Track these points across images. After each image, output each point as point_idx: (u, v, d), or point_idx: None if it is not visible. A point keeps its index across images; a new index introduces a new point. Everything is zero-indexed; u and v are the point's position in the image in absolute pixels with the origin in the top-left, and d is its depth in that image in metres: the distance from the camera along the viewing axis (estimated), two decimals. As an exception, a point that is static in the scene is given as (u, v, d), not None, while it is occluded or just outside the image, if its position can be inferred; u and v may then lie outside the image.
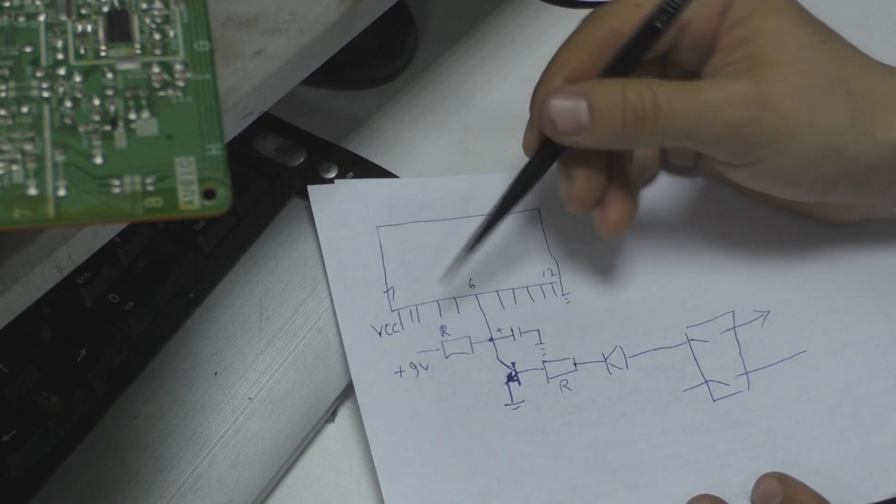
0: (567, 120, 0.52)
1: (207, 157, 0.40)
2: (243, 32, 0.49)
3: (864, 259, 0.60)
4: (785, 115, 0.52)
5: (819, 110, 0.52)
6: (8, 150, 0.39)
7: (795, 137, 0.52)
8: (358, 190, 0.61)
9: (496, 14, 0.71)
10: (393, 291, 0.58)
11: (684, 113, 0.52)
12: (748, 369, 0.58)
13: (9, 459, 0.54)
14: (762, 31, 0.53)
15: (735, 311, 0.59)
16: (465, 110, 0.67)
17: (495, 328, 0.58)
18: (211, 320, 0.59)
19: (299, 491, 0.56)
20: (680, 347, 0.58)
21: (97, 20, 0.42)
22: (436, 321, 0.58)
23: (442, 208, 0.61)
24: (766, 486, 0.54)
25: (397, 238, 0.60)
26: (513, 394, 0.56)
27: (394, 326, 0.57)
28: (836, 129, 0.52)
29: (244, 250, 0.61)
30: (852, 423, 0.56)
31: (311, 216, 0.61)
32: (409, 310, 0.58)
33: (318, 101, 0.67)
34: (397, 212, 0.60)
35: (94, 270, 0.58)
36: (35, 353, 0.57)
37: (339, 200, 0.60)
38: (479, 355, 0.57)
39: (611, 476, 0.54)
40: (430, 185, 0.62)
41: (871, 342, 0.58)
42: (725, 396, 0.57)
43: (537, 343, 0.58)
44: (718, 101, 0.52)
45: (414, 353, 0.57)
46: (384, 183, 0.62)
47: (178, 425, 0.56)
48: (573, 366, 0.57)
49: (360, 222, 0.60)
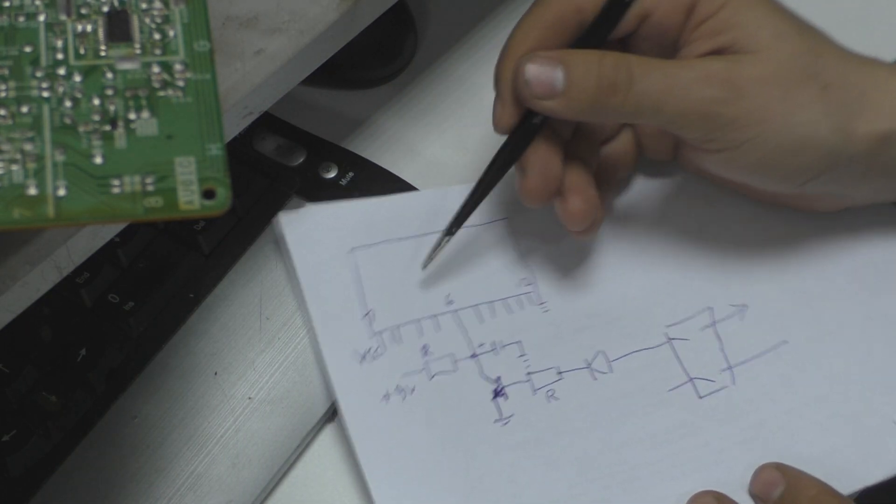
0: (542, 84, 0.52)
1: (207, 157, 0.40)
2: (243, 32, 0.49)
3: (837, 247, 0.60)
4: (758, 101, 0.52)
5: (792, 101, 0.52)
6: (8, 150, 0.39)
7: (768, 125, 0.52)
8: (329, 213, 0.60)
9: (496, 14, 0.71)
10: (373, 313, 0.58)
11: (657, 86, 0.52)
12: (731, 364, 0.58)
13: (9, 459, 0.54)
14: (735, 23, 0.53)
15: (713, 308, 0.59)
16: (466, 110, 0.67)
17: (476, 343, 0.58)
18: (211, 320, 0.59)
19: (299, 491, 0.56)
20: (661, 347, 0.58)
21: (97, 20, 0.42)
22: (417, 341, 0.57)
23: (414, 224, 0.60)
24: (765, 475, 0.54)
25: (373, 259, 0.59)
26: (501, 409, 0.56)
27: (376, 350, 0.57)
28: (811, 122, 0.53)
29: (244, 250, 0.61)
30: (840, 409, 0.56)
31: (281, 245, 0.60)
32: (390, 331, 0.57)
33: (318, 101, 0.67)
34: (371, 232, 0.60)
35: (94, 270, 0.58)
36: (35, 353, 0.57)
37: (311, 226, 0.59)
38: (462, 373, 0.57)
39: (607, 482, 0.54)
40: (402, 202, 0.61)
41: (851, 328, 0.58)
42: (711, 393, 0.57)
43: (520, 355, 0.58)
44: (691, 78, 0.52)
45: (398, 377, 0.56)
46: (355, 204, 0.61)
47: (178, 425, 0.56)
48: (557, 375, 0.57)
49: (333, 246, 0.59)
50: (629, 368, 0.58)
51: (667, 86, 0.52)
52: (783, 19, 0.54)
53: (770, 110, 0.52)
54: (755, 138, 0.53)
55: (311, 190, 0.63)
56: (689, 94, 0.52)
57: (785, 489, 0.53)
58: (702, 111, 0.52)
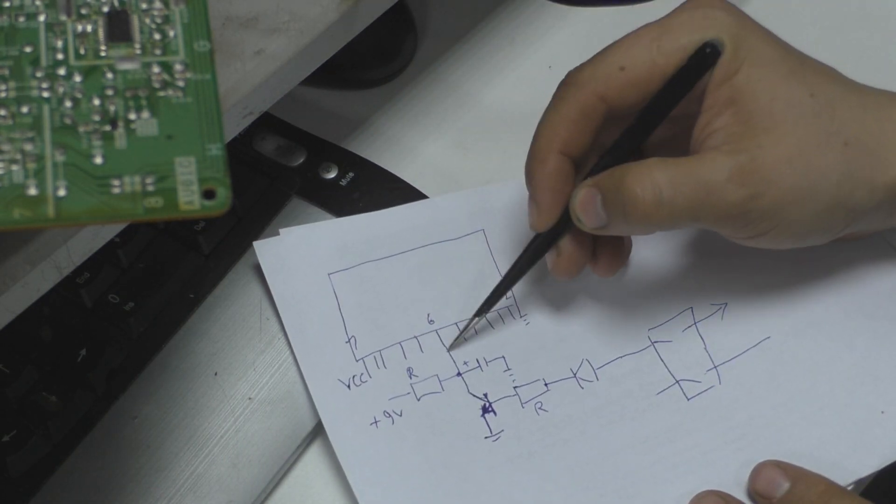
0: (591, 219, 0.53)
1: (207, 157, 0.40)
2: (243, 32, 0.49)
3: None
4: (785, 184, 0.52)
5: (817, 170, 0.52)
6: (8, 150, 0.39)
7: (798, 204, 0.52)
8: (304, 237, 0.60)
9: (496, 14, 0.71)
10: (355, 340, 0.57)
11: (688, 197, 0.52)
12: (716, 363, 0.58)
13: (9, 459, 0.54)
14: (748, 92, 0.52)
15: (693, 308, 0.59)
16: (465, 110, 0.67)
17: (461, 362, 0.58)
18: (211, 320, 0.59)
19: (299, 491, 0.56)
20: (645, 351, 0.58)
21: (97, 20, 0.42)
22: (401, 364, 0.57)
23: (391, 244, 0.60)
24: (768, 473, 0.54)
25: (351, 282, 0.59)
26: (491, 425, 0.56)
27: (361, 377, 0.56)
28: (836, 185, 0.52)
29: (244, 250, 0.61)
30: (827, 403, 0.57)
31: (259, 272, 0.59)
32: (374, 356, 0.57)
33: (318, 101, 0.67)
34: (347, 255, 0.60)
35: (94, 270, 0.58)
36: (35, 353, 0.57)
37: (288, 252, 0.59)
38: (450, 392, 0.57)
39: (602, 490, 0.54)
40: (376, 221, 0.61)
41: (831, 320, 0.59)
42: (699, 394, 0.57)
43: (505, 370, 0.58)
44: (720, 182, 0.51)
45: (385, 401, 0.56)
46: (330, 225, 0.61)
47: (178, 425, 0.56)
48: (544, 386, 0.57)
49: (311, 272, 0.59)
50: (615, 375, 0.58)
51: (698, 194, 0.51)
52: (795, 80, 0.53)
53: (798, 188, 0.52)
54: (786, 219, 0.52)
55: (311, 190, 0.63)
56: (720, 199, 0.51)
57: (791, 486, 0.53)
58: (735, 213, 0.52)
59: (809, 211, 0.52)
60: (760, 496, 0.54)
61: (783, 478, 0.53)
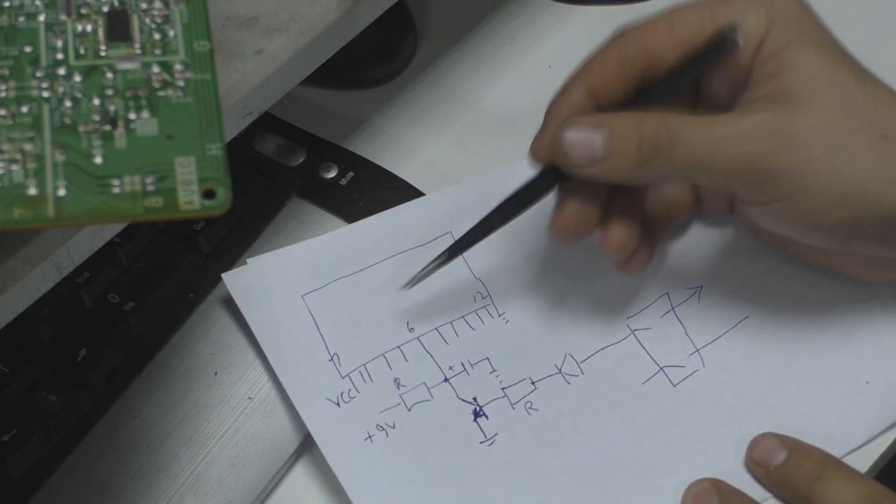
0: (581, 152, 0.51)
1: (207, 157, 0.40)
2: (243, 32, 0.49)
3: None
4: (807, 152, 0.50)
5: (846, 150, 0.50)
6: (8, 150, 0.39)
7: (818, 176, 0.50)
8: (273, 264, 0.59)
9: (496, 14, 0.71)
10: (338, 357, 0.57)
11: (700, 146, 0.50)
12: (698, 347, 0.58)
13: (9, 459, 0.54)
14: (794, 65, 0.51)
15: (669, 293, 0.59)
16: (465, 110, 0.67)
17: (446, 367, 0.57)
18: (211, 320, 0.59)
19: (299, 491, 0.56)
20: (626, 341, 0.58)
21: (97, 20, 0.42)
22: (388, 376, 0.57)
23: (360, 258, 0.60)
24: (766, 442, 0.54)
25: (325, 301, 0.58)
26: (484, 429, 0.56)
27: (349, 392, 0.56)
28: (865, 171, 0.50)
29: (244, 250, 0.61)
30: (811, 377, 0.57)
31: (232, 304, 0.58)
32: (359, 371, 0.57)
33: (318, 101, 0.67)
34: (318, 274, 0.59)
35: (94, 270, 0.58)
36: (35, 353, 0.57)
37: (258, 280, 0.59)
38: (439, 399, 0.56)
39: (601, 485, 0.54)
40: (342, 238, 0.61)
41: (808, 295, 0.59)
42: (684, 379, 0.57)
43: (491, 371, 0.57)
44: (735, 134, 0.50)
45: (376, 415, 0.56)
46: (297, 249, 0.60)
47: (178, 425, 0.56)
48: (532, 385, 0.57)
49: (284, 296, 0.58)
50: (599, 367, 0.57)
51: (711, 145, 0.50)
52: (845, 65, 0.52)
53: (821, 160, 0.50)
54: (805, 189, 0.51)
55: (311, 190, 0.63)
56: (733, 151, 0.50)
57: (787, 455, 0.53)
58: (748, 167, 0.50)
59: (831, 189, 0.50)
60: (757, 465, 0.54)
61: (780, 447, 0.53)
